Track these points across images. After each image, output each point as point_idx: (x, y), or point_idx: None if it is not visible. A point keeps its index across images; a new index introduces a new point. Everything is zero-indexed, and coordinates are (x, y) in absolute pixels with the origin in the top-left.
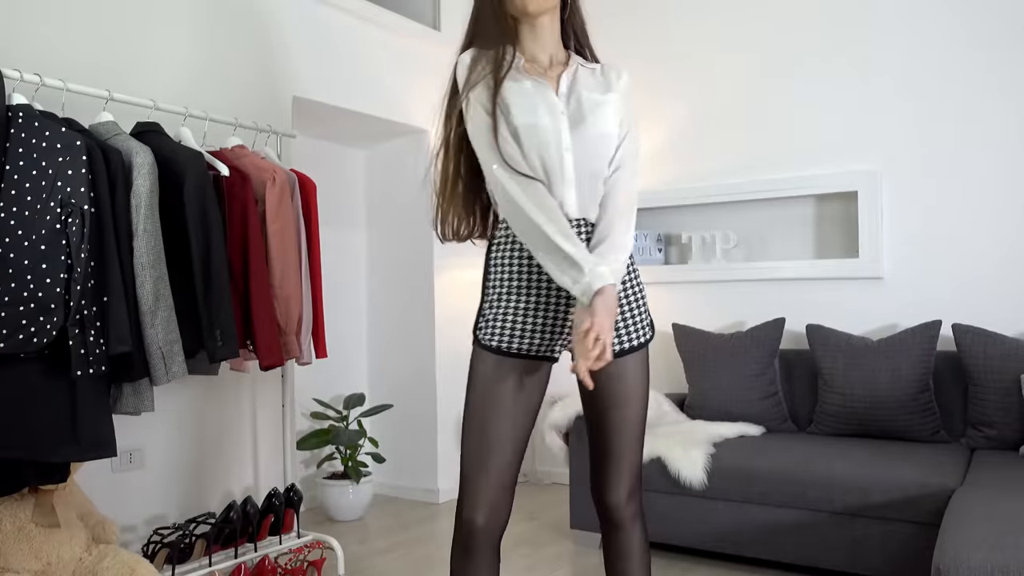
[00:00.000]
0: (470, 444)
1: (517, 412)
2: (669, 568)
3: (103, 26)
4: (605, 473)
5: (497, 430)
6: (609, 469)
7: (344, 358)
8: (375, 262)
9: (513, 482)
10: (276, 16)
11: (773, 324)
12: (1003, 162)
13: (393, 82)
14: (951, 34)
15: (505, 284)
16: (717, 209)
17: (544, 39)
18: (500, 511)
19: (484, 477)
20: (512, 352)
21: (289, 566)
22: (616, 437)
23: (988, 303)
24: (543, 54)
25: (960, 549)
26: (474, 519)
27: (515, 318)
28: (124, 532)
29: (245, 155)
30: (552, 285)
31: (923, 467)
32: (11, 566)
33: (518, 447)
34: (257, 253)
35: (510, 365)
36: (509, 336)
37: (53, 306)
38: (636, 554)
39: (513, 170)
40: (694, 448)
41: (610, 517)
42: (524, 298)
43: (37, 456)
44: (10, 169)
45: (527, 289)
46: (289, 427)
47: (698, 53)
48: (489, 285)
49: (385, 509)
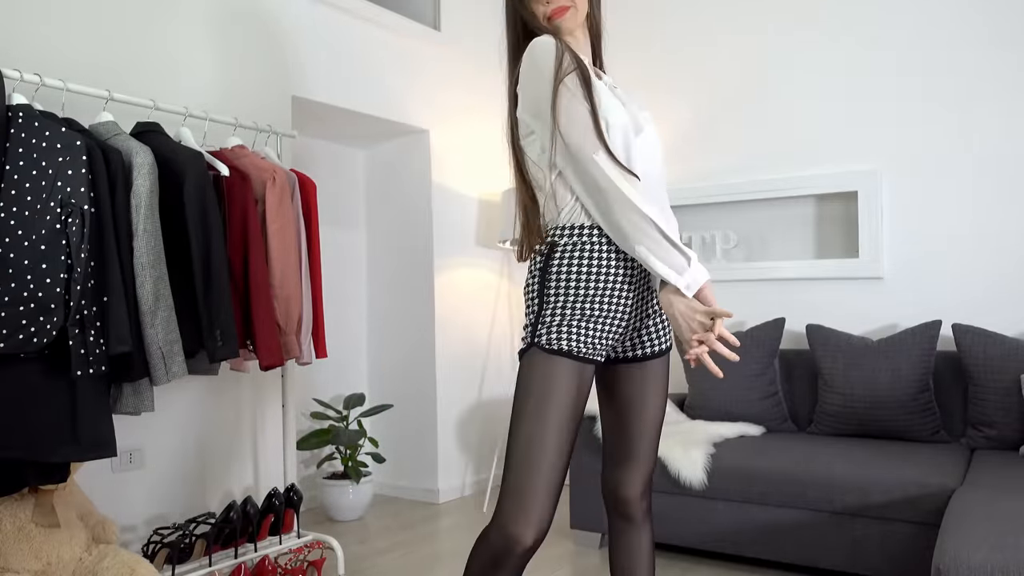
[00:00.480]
0: (529, 455)
1: (575, 420)
2: (669, 568)
3: (103, 26)
4: (621, 469)
5: (557, 440)
6: (626, 466)
7: (344, 358)
8: (375, 262)
9: (560, 491)
10: (276, 16)
11: (773, 324)
12: (1003, 162)
13: (393, 82)
14: (951, 34)
15: (573, 291)
16: (717, 209)
17: (582, 49)
18: (545, 527)
19: (540, 493)
20: (581, 356)
21: (289, 566)
22: (636, 436)
23: (988, 303)
24: (587, 62)
25: (960, 549)
26: (523, 536)
27: (589, 324)
28: (124, 532)
29: (245, 155)
30: (628, 291)
31: (923, 467)
32: (11, 566)
33: (568, 458)
34: (257, 253)
35: (577, 370)
36: (586, 341)
37: (53, 306)
38: (644, 551)
39: (617, 162)
40: (694, 448)
41: (623, 512)
42: (604, 304)
43: (37, 456)
44: (10, 169)
45: (605, 295)
46: (289, 427)
47: (697, 53)
48: (555, 292)
49: (385, 509)
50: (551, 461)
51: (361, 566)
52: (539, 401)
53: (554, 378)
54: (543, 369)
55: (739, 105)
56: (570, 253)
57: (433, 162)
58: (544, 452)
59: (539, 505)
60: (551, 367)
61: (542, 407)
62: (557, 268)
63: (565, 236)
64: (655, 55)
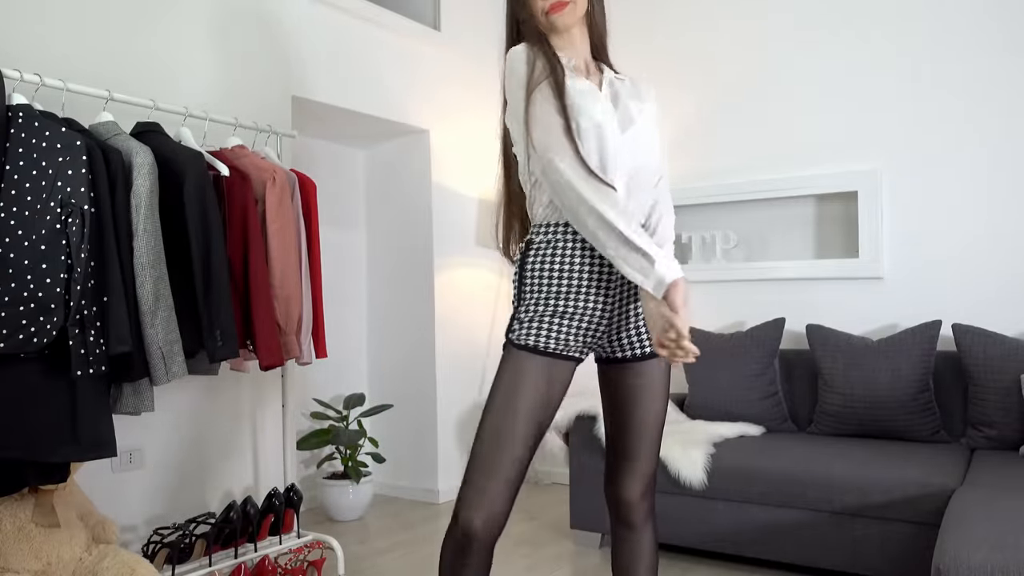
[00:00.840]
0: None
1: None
2: (669, 568)
3: (103, 26)
4: (621, 471)
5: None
6: (625, 467)
7: (344, 358)
8: (375, 262)
9: (519, 485)
10: (276, 16)
11: (773, 324)
12: (1003, 162)
13: (393, 82)
14: (952, 34)
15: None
16: (717, 209)
17: (577, 46)
18: (499, 518)
19: (498, 483)
20: (551, 352)
21: (289, 566)
22: (635, 437)
23: (988, 303)
24: (579, 60)
25: (960, 549)
26: (472, 520)
27: (560, 320)
28: (124, 532)
29: (245, 155)
30: (597, 289)
31: (923, 467)
32: (11, 566)
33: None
34: (257, 253)
35: (546, 366)
36: (555, 338)
37: (53, 306)
38: (645, 554)
39: (584, 166)
40: (694, 448)
41: (623, 517)
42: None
43: (37, 456)
44: (10, 169)
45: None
46: (289, 427)
47: (697, 53)
48: (528, 289)
49: (385, 509)
50: (513, 454)
51: (361, 566)
52: (507, 395)
53: (522, 373)
54: (514, 364)
55: (739, 105)
56: (544, 251)
57: (433, 162)
58: (507, 445)
59: (494, 493)
60: (520, 363)
61: (510, 401)
62: (531, 265)
63: (540, 234)
64: (655, 56)
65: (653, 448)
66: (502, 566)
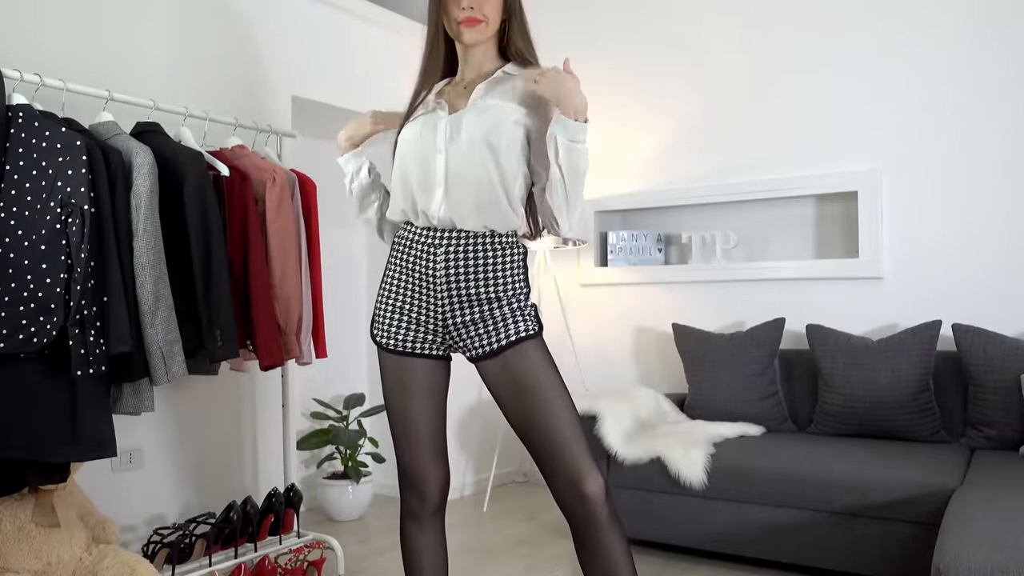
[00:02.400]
0: (392, 429)
1: (403, 403)
2: (669, 568)
3: (103, 26)
4: (563, 467)
5: (399, 423)
6: (542, 468)
7: (344, 358)
8: (375, 262)
9: (439, 454)
10: (276, 16)
11: (773, 324)
12: (1003, 162)
13: (393, 82)
14: (952, 34)
15: (387, 286)
16: (717, 209)
17: (475, 60)
18: (430, 484)
19: (407, 455)
20: (382, 345)
21: (289, 566)
22: (549, 422)
23: (988, 303)
24: (472, 72)
25: (960, 549)
26: (408, 491)
27: (379, 314)
28: (124, 532)
29: (245, 155)
30: (394, 289)
31: (923, 467)
32: (11, 566)
33: (433, 424)
34: (257, 253)
35: (387, 358)
36: (381, 330)
37: (53, 306)
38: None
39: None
40: (694, 448)
41: (589, 511)
42: (384, 297)
43: (37, 456)
44: (10, 169)
45: (402, 290)
46: (289, 427)
47: (697, 53)
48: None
49: (385, 509)
50: (401, 443)
51: (361, 566)
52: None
53: (381, 366)
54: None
55: (739, 105)
56: (392, 249)
57: None
58: (396, 434)
59: (409, 463)
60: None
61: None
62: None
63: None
64: (654, 56)
65: (576, 431)
66: (502, 566)
